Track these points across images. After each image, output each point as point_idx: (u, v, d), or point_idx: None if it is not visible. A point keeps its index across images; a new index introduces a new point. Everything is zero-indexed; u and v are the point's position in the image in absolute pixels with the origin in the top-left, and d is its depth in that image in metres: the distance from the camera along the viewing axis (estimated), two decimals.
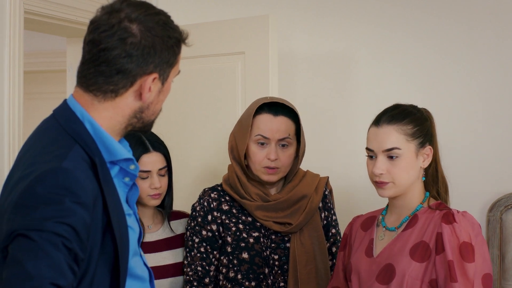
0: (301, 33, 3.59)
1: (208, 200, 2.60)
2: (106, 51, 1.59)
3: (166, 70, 1.66)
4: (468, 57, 3.34)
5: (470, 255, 1.99)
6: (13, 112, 3.03)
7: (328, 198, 2.66)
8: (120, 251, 1.58)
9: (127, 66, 1.60)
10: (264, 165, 2.52)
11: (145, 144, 2.54)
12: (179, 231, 2.71)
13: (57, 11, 3.36)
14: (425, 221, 2.10)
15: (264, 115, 2.53)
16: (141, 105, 1.66)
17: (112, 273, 1.59)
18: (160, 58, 1.63)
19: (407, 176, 2.12)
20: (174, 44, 1.65)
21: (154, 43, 1.61)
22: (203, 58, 3.31)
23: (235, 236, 2.55)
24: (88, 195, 1.51)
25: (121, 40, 1.59)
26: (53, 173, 1.49)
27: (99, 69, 1.61)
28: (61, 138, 1.60)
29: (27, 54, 3.42)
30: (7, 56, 3.02)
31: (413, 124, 2.12)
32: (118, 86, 1.62)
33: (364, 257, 2.19)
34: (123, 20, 1.59)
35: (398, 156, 2.10)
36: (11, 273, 1.42)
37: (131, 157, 1.68)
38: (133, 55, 1.59)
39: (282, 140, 2.52)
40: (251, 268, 2.52)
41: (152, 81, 1.63)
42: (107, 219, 1.57)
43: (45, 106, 5.72)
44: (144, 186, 2.54)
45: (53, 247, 1.43)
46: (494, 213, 3.23)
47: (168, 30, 1.64)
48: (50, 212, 1.45)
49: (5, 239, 1.47)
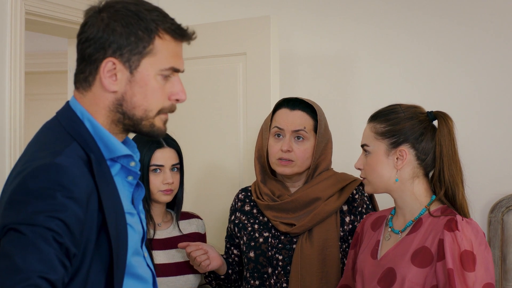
0: (302, 34, 3.59)
1: (236, 200, 2.76)
2: (77, 40, 1.65)
3: (131, 57, 1.62)
4: (469, 57, 3.33)
5: (470, 264, 1.97)
6: (14, 113, 3.03)
7: (358, 202, 2.62)
8: (116, 249, 1.58)
9: (87, 51, 1.61)
10: (278, 157, 2.57)
11: (159, 140, 2.59)
12: (187, 231, 2.73)
13: (58, 12, 3.35)
14: (429, 226, 2.07)
15: (282, 109, 2.62)
16: (116, 96, 1.63)
17: (108, 271, 1.58)
18: (117, 44, 1.60)
19: (376, 174, 2.14)
20: (138, 30, 1.61)
21: (110, 28, 1.60)
22: (204, 59, 3.31)
23: (249, 235, 2.63)
24: (81, 191, 1.51)
25: (83, 26, 1.63)
26: (46, 168, 1.49)
27: (76, 60, 1.66)
28: (60, 136, 1.61)
29: (28, 55, 3.42)
30: (8, 56, 3.01)
31: (386, 123, 2.13)
32: (85, 73, 1.63)
33: (369, 259, 2.19)
34: (99, 11, 1.63)
35: (370, 152, 2.15)
36: (0, 266, 1.42)
37: (130, 153, 1.68)
38: (90, 38, 1.61)
39: (296, 132, 2.56)
40: (255, 267, 2.58)
41: (114, 68, 1.61)
42: (102, 217, 1.56)
43: (46, 107, 5.73)
44: (156, 181, 2.58)
45: (43, 241, 1.42)
46: (495, 214, 3.22)
47: (132, 17, 1.61)
48: (41, 206, 1.45)
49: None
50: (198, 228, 2.78)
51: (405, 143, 2.11)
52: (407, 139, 2.11)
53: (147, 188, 2.58)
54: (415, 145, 2.11)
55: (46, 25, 3.45)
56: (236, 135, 3.26)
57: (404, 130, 2.11)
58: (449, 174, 2.10)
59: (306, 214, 2.56)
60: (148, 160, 2.57)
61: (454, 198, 2.10)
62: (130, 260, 1.65)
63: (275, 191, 2.63)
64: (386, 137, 2.12)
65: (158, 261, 2.62)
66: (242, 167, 3.24)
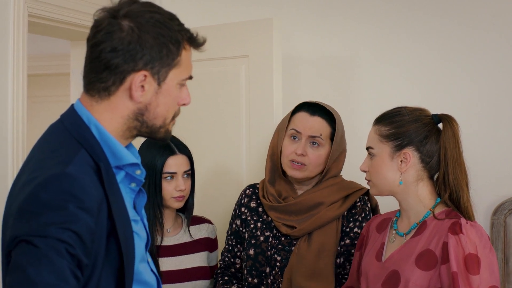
0: (305, 36, 3.59)
1: (243, 195, 2.77)
2: (95, 47, 1.58)
3: (160, 70, 1.61)
4: (472, 59, 3.33)
5: (475, 267, 1.96)
6: (17, 115, 3.03)
7: (357, 210, 2.60)
8: (125, 256, 1.57)
9: (113, 61, 1.57)
10: (291, 159, 2.58)
11: (171, 146, 2.60)
12: (197, 236, 2.74)
13: (61, 15, 3.35)
14: (433, 228, 2.07)
15: (301, 112, 2.62)
16: (138, 106, 1.63)
17: (117, 279, 1.58)
18: (150, 56, 1.59)
19: (380, 176, 2.14)
20: (169, 43, 1.61)
21: (142, 40, 1.57)
22: (207, 61, 3.30)
23: (251, 233, 2.64)
24: (92, 200, 1.50)
25: (107, 34, 1.57)
26: (57, 178, 1.47)
27: (91, 66, 1.60)
28: (67, 143, 1.59)
29: (31, 57, 3.42)
30: (11, 59, 3.02)
31: (390, 126, 2.13)
32: (108, 83, 1.60)
33: (374, 261, 2.19)
34: (116, 16, 1.58)
35: (374, 155, 2.15)
36: (13, 279, 1.41)
37: (137, 162, 1.67)
38: (118, 49, 1.57)
39: (312, 137, 2.57)
40: (254, 265, 2.59)
41: (144, 80, 1.60)
42: (111, 225, 1.56)
43: (48, 109, 5.74)
44: (169, 188, 2.59)
45: (56, 254, 1.41)
46: (498, 217, 3.22)
47: (162, 28, 1.60)
48: (53, 217, 1.43)
49: (8, 244, 1.47)
50: (208, 233, 2.78)
51: (409, 145, 2.11)
52: (412, 141, 2.11)
53: (160, 195, 2.59)
54: (419, 148, 2.11)
55: (48, 28, 3.45)
56: (239, 136, 3.25)
57: (409, 132, 2.11)
58: (453, 177, 2.09)
59: (308, 218, 2.57)
60: (161, 167, 2.58)
61: (459, 201, 2.09)
62: (137, 267, 1.65)
63: (282, 192, 2.64)
64: (391, 140, 2.12)
65: (166, 268, 2.62)
66: (245, 169, 3.25)
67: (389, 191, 2.16)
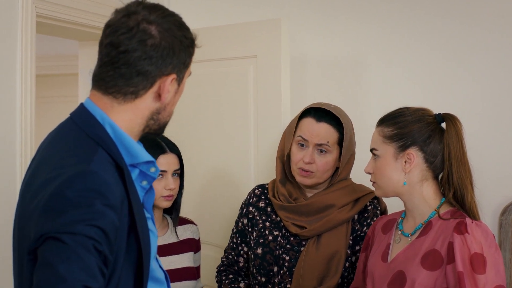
0: (313, 36, 3.59)
1: (251, 194, 2.76)
2: (127, 53, 1.59)
3: (182, 71, 1.68)
4: (474, 59, 3.33)
5: (481, 267, 1.96)
6: (25, 115, 3.04)
7: (369, 214, 2.60)
8: (144, 253, 1.59)
9: (147, 68, 1.60)
10: (299, 166, 2.58)
11: (162, 145, 2.60)
12: (183, 237, 2.74)
13: (69, 15, 3.36)
14: (439, 228, 2.07)
15: (308, 118, 2.59)
16: (159, 106, 1.67)
17: (135, 275, 1.60)
18: (178, 59, 1.64)
19: (384, 177, 2.14)
20: (189, 45, 1.67)
21: (172, 44, 1.62)
22: (215, 62, 3.31)
23: (259, 232, 2.65)
24: (116, 197, 1.52)
25: (141, 42, 1.59)
26: (82, 176, 1.49)
27: (119, 71, 1.61)
28: (83, 141, 1.60)
29: (39, 57, 3.44)
30: (20, 59, 3.03)
31: (393, 127, 2.13)
32: (138, 87, 1.62)
33: (380, 262, 2.19)
34: (141, 22, 1.60)
35: (378, 156, 2.15)
36: (43, 276, 1.41)
37: (152, 160, 1.69)
38: (153, 56, 1.60)
39: (319, 145, 2.55)
40: (261, 264, 2.59)
41: (170, 82, 1.65)
42: (130, 221, 1.58)
43: (56, 109, 5.76)
44: (158, 187, 2.58)
45: (85, 250, 1.42)
46: (506, 217, 3.22)
47: (184, 30, 1.65)
48: (80, 215, 1.44)
49: (34, 242, 1.47)
50: (193, 234, 2.79)
51: (413, 146, 2.11)
52: (415, 142, 2.11)
53: None
54: (423, 148, 2.11)
55: (57, 28, 3.46)
56: (247, 136, 3.26)
57: (412, 133, 2.11)
58: (457, 176, 2.08)
59: (318, 219, 2.57)
60: None
61: (463, 200, 2.08)
62: (151, 264, 1.67)
63: (293, 193, 2.64)
64: (394, 141, 2.12)
65: None
66: (253, 169, 3.25)
67: (394, 192, 2.16)
